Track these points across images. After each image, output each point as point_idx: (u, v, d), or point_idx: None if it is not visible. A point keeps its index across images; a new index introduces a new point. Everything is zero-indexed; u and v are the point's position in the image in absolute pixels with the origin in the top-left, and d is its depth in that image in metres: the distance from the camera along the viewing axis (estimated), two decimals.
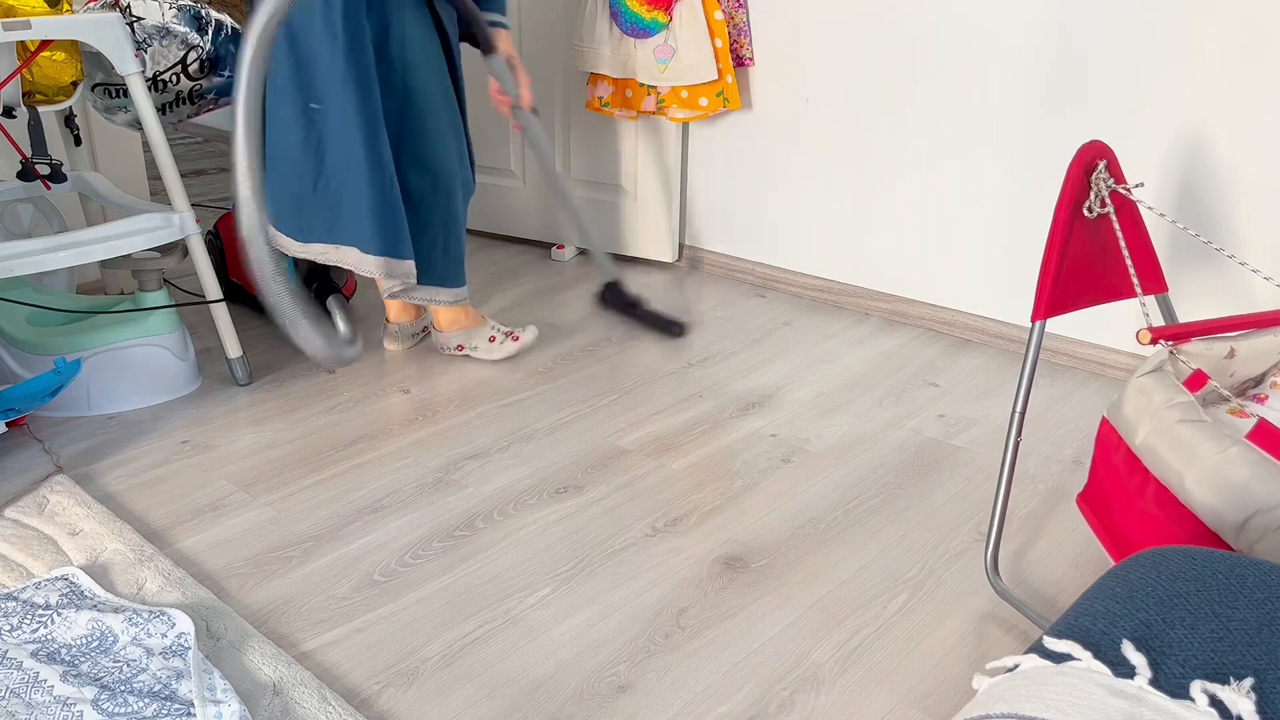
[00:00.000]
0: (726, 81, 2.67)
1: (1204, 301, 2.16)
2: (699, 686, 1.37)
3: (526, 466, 1.93)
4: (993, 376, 2.32)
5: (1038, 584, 1.59)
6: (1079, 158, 1.44)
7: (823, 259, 2.76)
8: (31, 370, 2.09)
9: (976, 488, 1.86)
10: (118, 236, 2.00)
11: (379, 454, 1.97)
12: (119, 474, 1.89)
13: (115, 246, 1.99)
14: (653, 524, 1.74)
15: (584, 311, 2.71)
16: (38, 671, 1.31)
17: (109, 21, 1.92)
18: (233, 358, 2.23)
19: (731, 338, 2.54)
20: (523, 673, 1.39)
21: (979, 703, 0.69)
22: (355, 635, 1.47)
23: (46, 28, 1.84)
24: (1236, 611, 0.74)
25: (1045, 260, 1.46)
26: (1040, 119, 2.28)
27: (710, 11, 2.62)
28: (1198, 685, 0.67)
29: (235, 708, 1.26)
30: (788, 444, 2.01)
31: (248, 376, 2.26)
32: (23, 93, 2.02)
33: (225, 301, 2.21)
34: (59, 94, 2.07)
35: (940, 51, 2.39)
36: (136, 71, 1.97)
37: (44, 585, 1.51)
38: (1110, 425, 1.47)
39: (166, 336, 2.15)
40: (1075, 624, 0.77)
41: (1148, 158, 2.16)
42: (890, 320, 2.65)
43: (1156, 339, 1.42)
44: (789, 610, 1.52)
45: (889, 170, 2.56)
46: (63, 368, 1.87)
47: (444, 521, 1.75)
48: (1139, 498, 1.37)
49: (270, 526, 1.73)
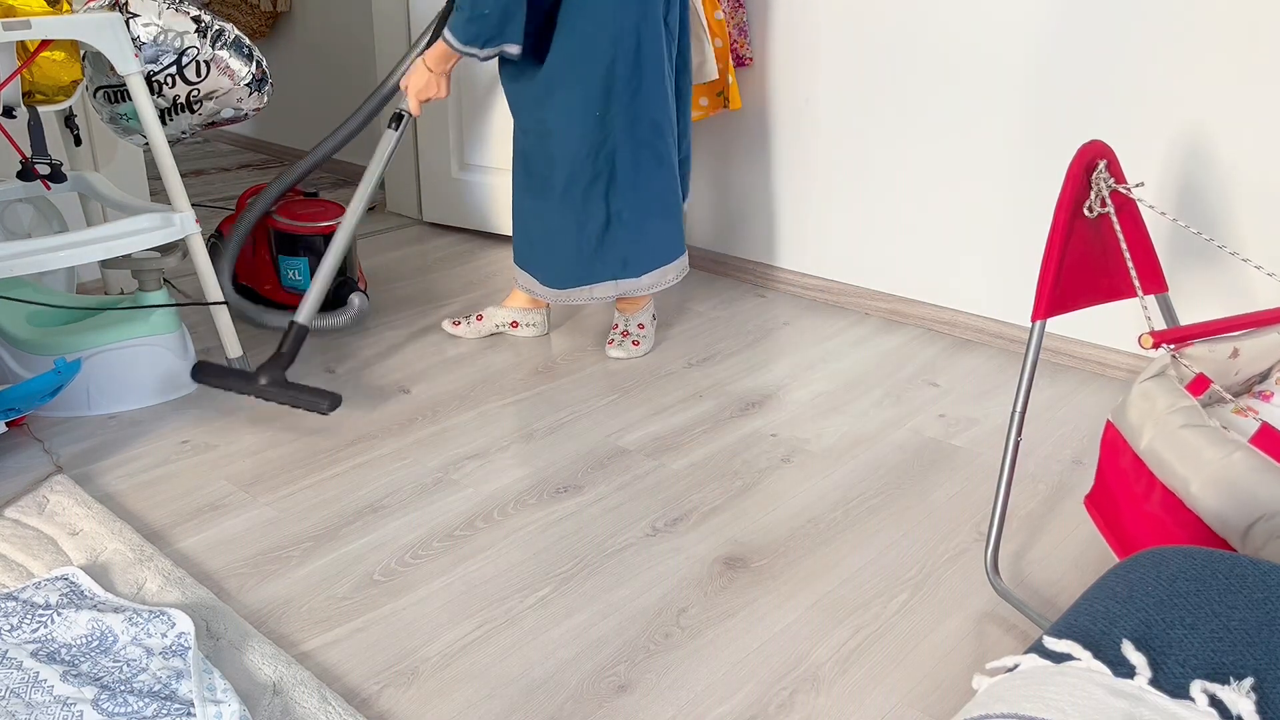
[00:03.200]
0: (726, 81, 2.67)
1: (1204, 301, 2.16)
2: (699, 686, 1.37)
3: (526, 466, 1.93)
4: (993, 376, 2.32)
5: (1038, 584, 1.59)
6: (1079, 157, 1.44)
7: (823, 259, 2.76)
8: (31, 370, 2.09)
9: (976, 488, 1.86)
10: (118, 236, 2.00)
11: (379, 454, 1.97)
12: (119, 474, 1.89)
13: (116, 246, 1.99)
14: (653, 524, 1.74)
15: (585, 311, 2.71)
16: (38, 671, 1.31)
17: (109, 21, 1.92)
18: (232, 357, 2.23)
19: (731, 338, 2.54)
20: (523, 673, 1.39)
21: (979, 703, 0.69)
22: (355, 635, 1.47)
23: (46, 27, 1.84)
24: (1236, 611, 0.74)
25: (1045, 260, 1.46)
26: (1040, 118, 2.28)
27: (710, 11, 2.62)
28: (1198, 685, 0.67)
29: (235, 708, 1.26)
30: (788, 444, 2.01)
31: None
32: (23, 93, 2.02)
33: (226, 304, 2.21)
34: (59, 94, 2.07)
35: (940, 51, 2.39)
36: (137, 71, 1.97)
37: (44, 585, 1.51)
38: (1115, 429, 1.47)
39: (167, 336, 2.15)
40: (1075, 624, 0.77)
41: (1148, 158, 2.16)
42: (890, 320, 2.65)
43: (1159, 343, 1.42)
44: (789, 610, 1.52)
45: (889, 170, 2.56)
46: (63, 368, 1.87)
47: (444, 521, 1.75)
48: (1145, 502, 1.37)
49: (270, 526, 1.73)
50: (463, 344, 2.48)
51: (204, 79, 2.18)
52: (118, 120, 2.24)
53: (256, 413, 2.12)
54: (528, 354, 2.43)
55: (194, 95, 2.20)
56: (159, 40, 2.10)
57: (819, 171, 2.70)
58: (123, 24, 1.94)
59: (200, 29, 2.16)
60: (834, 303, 2.76)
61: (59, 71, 2.03)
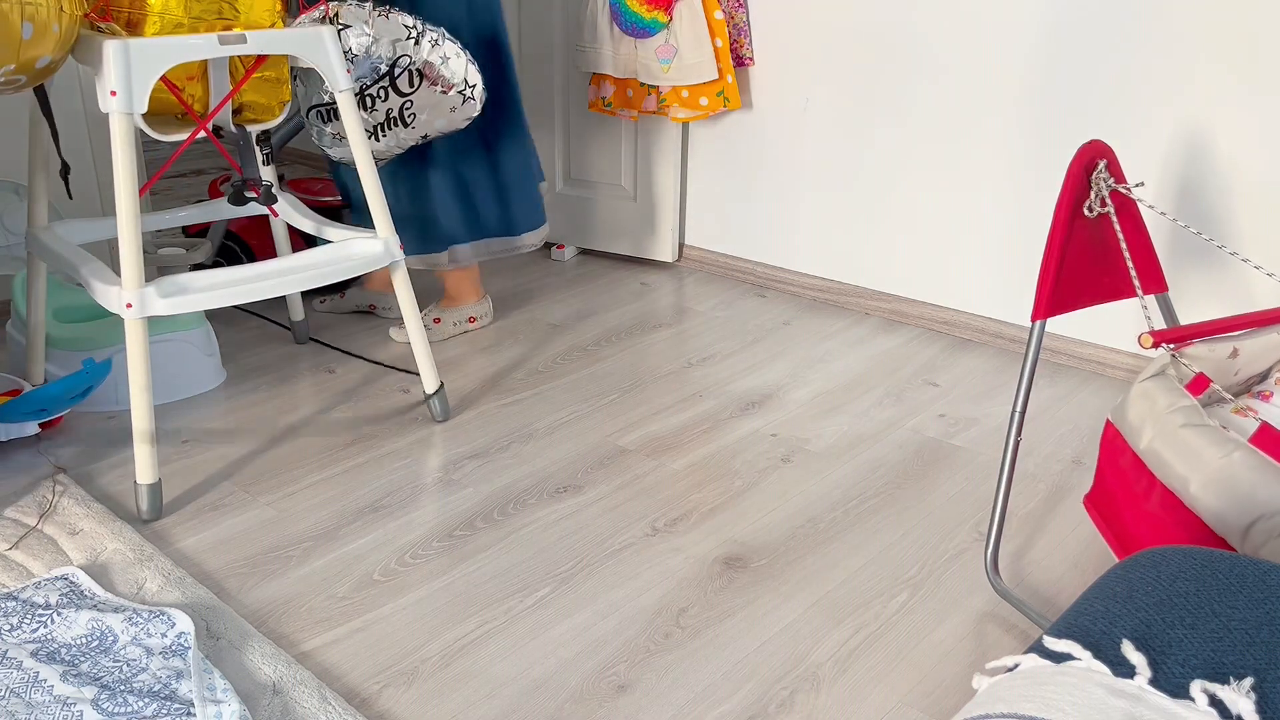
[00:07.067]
0: (727, 81, 2.67)
1: (1204, 301, 2.16)
2: (699, 686, 1.37)
3: (526, 466, 1.93)
4: (993, 376, 2.32)
5: (1038, 584, 1.59)
6: (1079, 157, 1.44)
7: (823, 259, 2.76)
8: (59, 366, 2.10)
9: (976, 488, 1.86)
10: (331, 263, 1.89)
11: (379, 454, 1.97)
12: (119, 474, 1.89)
13: (330, 273, 1.88)
14: (653, 524, 1.74)
15: (584, 311, 2.71)
16: (38, 671, 1.31)
17: (325, 35, 1.82)
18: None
19: (731, 338, 2.54)
20: (523, 673, 1.39)
21: (979, 702, 0.69)
22: (355, 635, 1.47)
23: (263, 42, 1.76)
24: (1236, 611, 0.74)
25: (1045, 260, 1.46)
26: (1041, 118, 2.28)
27: (710, 11, 2.62)
28: (1198, 685, 0.67)
29: (235, 708, 1.26)
30: (788, 444, 2.01)
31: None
32: (233, 111, 1.94)
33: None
34: (265, 114, 1.97)
35: (941, 50, 2.39)
36: (348, 88, 1.87)
37: (44, 585, 1.51)
38: (1115, 429, 1.47)
39: (192, 332, 2.17)
40: (1075, 624, 0.77)
41: (1148, 158, 2.16)
42: (890, 320, 2.65)
43: (1159, 342, 1.42)
44: (789, 610, 1.52)
45: (889, 170, 2.56)
46: (91, 368, 1.87)
47: (444, 521, 1.75)
48: (1145, 501, 1.37)
49: (270, 526, 1.73)
50: (462, 344, 2.48)
51: (416, 89, 2.08)
52: (337, 140, 2.16)
53: (257, 412, 2.12)
54: (527, 354, 2.43)
55: (406, 107, 2.10)
56: (370, 50, 2.00)
57: (819, 171, 2.69)
58: (336, 38, 1.85)
59: (412, 35, 2.05)
60: (834, 303, 2.76)
61: (270, 91, 1.94)
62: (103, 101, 1.63)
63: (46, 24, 1.57)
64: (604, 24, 2.69)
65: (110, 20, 1.68)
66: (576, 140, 3.00)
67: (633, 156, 2.93)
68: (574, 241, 3.12)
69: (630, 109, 2.77)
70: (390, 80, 2.08)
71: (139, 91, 1.63)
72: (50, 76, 1.71)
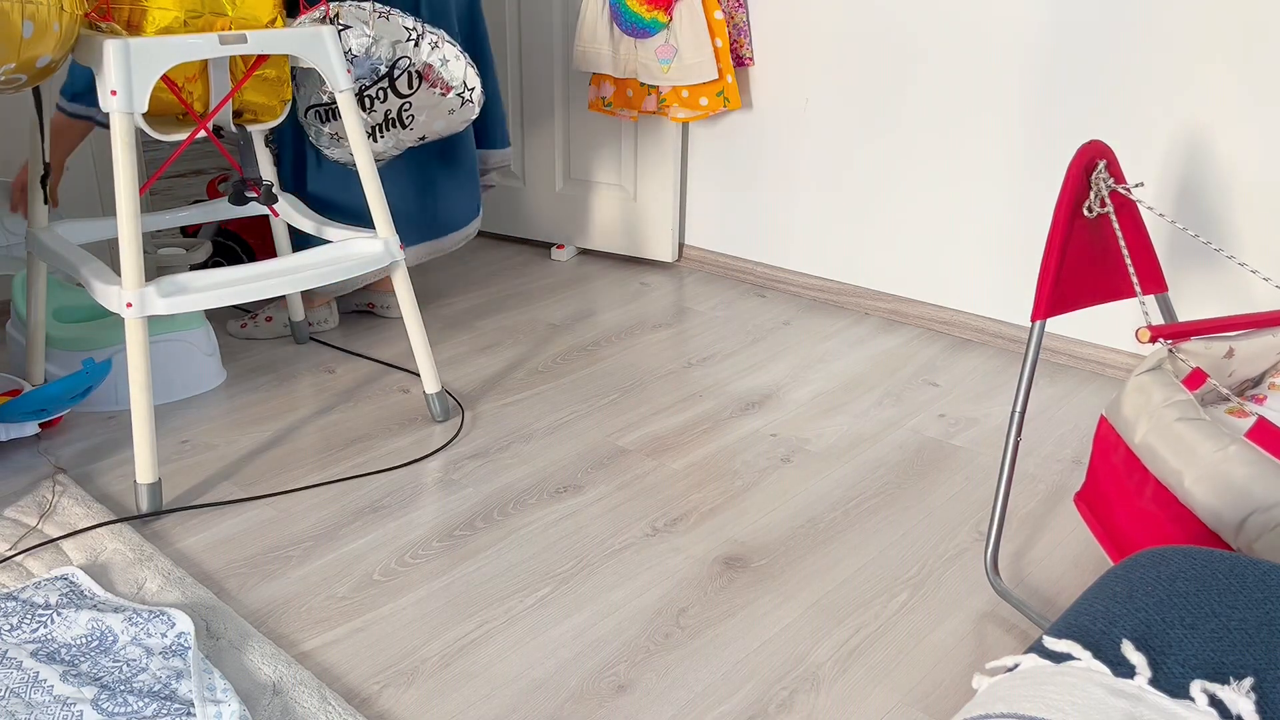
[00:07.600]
0: (726, 81, 2.67)
1: (1203, 301, 2.16)
2: (699, 686, 1.37)
3: (526, 466, 1.93)
4: (993, 376, 2.32)
5: (1038, 584, 1.59)
6: (1079, 157, 1.44)
7: (823, 259, 2.76)
8: (59, 366, 2.10)
9: (976, 488, 1.86)
10: (332, 263, 1.89)
11: (379, 454, 1.97)
12: (119, 474, 1.89)
13: (330, 273, 1.87)
14: (653, 524, 1.74)
15: (583, 311, 2.71)
16: (37, 671, 1.31)
17: (325, 34, 1.83)
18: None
19: (731, 338, 2.54)
20: (523, 672, 1.39)
21: (979, 703, 0.69)
22: (355, 635, 1.47)
23: (263, 42, 1.76)
24: (1236, 611, 0.74)
25: (1045, 260, 1.46)
26: (1040, 118, 2.28)
27: (710, 11, 2.62)
28: (1198, 685, 0.67)
29: (235, 708, 1.26)
30: (788, 444, 2.01)
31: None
32: (233, 111, 1.94)
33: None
34: (266, 114, 1.98)
35: (940, 51, 2.39)
36: (349, 89, 1.87)
37: (44, 585, 1.51)
38: (1109, 424, 1.47)
39: (192, 332, 2.17)
40: (1075, 624, 0.77)
41: (1148, 158, 2.16)
42: (890, 320, 2.65)
43: (1156, 337, 1.42)
44: (789, 610, 1.52)
45: (889, 169, 2.56)
46: (91, 369, 1.87)
47: (443, 521, 1.75)
48: (1138, 497, 1.37)
49: (270, 526, 1.73)
50: (461, 344, 2.48)
51: (416, 91, 2.08)
52: (335, 141, 2.16)
53: (257, 412, 2.12)
54: (526, 354, 2.43)
55: (405, 109, 2.10)
56: (370, 51, 2.00)
57: (818, 171, 2.70)
58: (337, 37, 1.85)
59: (412, 36, 2.06)
60: (834, 303, 2.76)
61: (271, 91, 1.94)
62: (103, 101, 1.63)
63: (47, 23, 1.57)
64: (604, 24, 2.69)
65: (111, 20, 1.67)
66: (576, 140, 3.00)
67: (632, 156, 2.93)
68: (574, 241, 3.13)
69: (630, 109, 2.77)
70: (390, 81, 2.08)
71: (139, 91, 1.63)
72: (50, 76, 1.71)
